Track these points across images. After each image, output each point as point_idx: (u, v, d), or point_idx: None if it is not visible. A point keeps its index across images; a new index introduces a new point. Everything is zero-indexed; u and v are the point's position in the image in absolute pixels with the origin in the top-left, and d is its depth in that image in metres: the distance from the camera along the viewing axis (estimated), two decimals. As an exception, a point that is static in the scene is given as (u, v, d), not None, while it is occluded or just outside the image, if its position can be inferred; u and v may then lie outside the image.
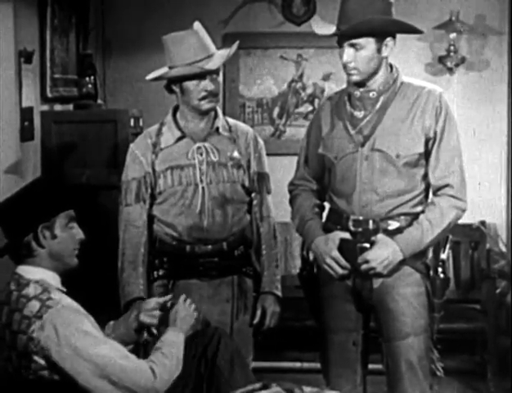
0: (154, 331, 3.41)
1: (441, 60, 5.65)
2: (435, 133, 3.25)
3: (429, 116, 3.24)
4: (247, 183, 3.58)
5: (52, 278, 2.81)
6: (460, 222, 5.56)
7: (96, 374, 2.68)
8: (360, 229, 3.26)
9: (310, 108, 5.84)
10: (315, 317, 3.52)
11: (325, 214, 3.50)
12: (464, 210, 3.33)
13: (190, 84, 3.44)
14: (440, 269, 3.36)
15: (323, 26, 3.38)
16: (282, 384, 2.90)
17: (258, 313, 3.58)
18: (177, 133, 3.54)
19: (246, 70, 5.83)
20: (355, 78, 3.22)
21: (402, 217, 3.27)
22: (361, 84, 3.25)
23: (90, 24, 5.48)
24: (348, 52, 3.18)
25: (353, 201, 3.28)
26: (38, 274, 2.78)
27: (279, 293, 3.63)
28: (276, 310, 3.60)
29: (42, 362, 2.69)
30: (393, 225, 3.26)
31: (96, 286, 4.11)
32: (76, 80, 5.22)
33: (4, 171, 4.27)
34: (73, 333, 2.67)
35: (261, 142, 3.68)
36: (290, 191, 3.53)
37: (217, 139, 3.55)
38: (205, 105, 3.47)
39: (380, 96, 3.26)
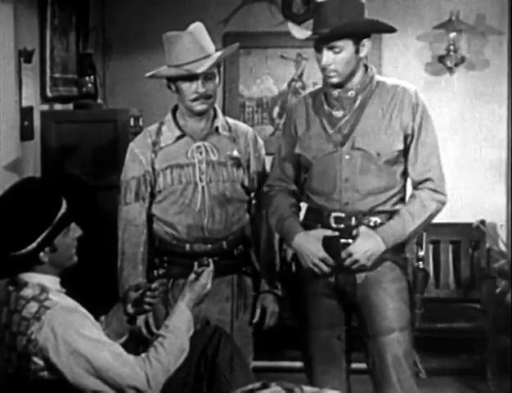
0: (154, 329, 3.43)
1: (441, 59, 5.65)
2: (413, 129, 3.29)
3: (406, 113, 3.27)
4: (246, 183, 3.58)
5: (51, 282, 2.80)
6: (459, 221, 5.64)
7: (92, 375, 2.68)
8: (342, 226, 3.28)
9: (310, 108, 5.84)
10: (295, 315, 3.52)
11: (302, 213, 3.50)
12: (444, 204, 3.31)
13: (183, 85, 3.44)
14: (421, 264, 3.39)
15: (300, 30, 3.41)
16: (282, 383, 2.90)
17: (258, 312, 3.59)
18: (177, 132, 3.54)
19: (246, 70, 5.84)
20: (334, 80, 3.23)
21: (383, 215, 3.29)
22: (338, 85, 3.27)
23: (90, 23, 5.49)
24: (328, 55, 3.19)
25: (334, 199, 3.29)
26: (36, 279, 2.77)
27: (279, 292, 3.63)
28: (275, 309, 3.61)
29: (41, 363, 2.69)
30: (374, 221, 3.28)
31: (95, 286, 4.11)
32: (76, 80, 5.23)
33: (4, 171, 4.27)
34: (70, 334, 2.66)
35: (260, 141, 3.68)
36: (266, 192, 3.51)
37: (216, 138, 3.56)
38: (197, 106, 3.46)
39: (358, 95, 3.28)
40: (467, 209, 5.70)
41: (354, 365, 3.55)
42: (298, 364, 3.75)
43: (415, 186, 3.32)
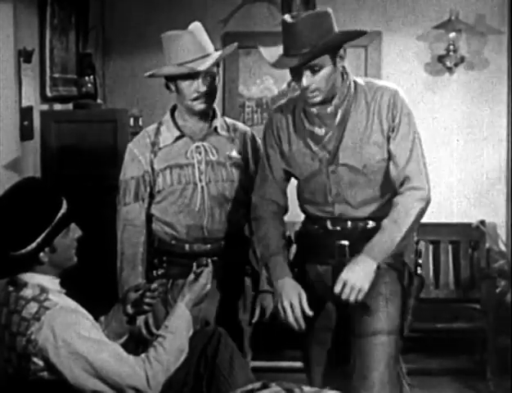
0: (153, 329, 3.43)
1: (440, 59, 5.65)
2: (392, 130, 3.17)
3: (386, 118, 3.17)
4: (245, 182, 3.58)
5: (51, 282, 2.80)
6: (459, 221, 5.64)
7: (92, 375, 2.68)
8: (338, 228, 3.26)
9: (310, 107, 5.84)
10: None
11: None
12: (426, 200, 3.14)
13: (183, 84, 3.44)
14: (419, 269, 3.35)
15: (271, 52, 3.34)
16: (282, 383, 2.91)
17: (257, 311, 3.59)
18: (176, 133, 3.54)
19: (246, 70, 5.84)
20: (317, 99, 3.11)
21: (381, 219, 3.19)
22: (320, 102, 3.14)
23: (90, 23, 5.49)
24: (308, 76, 3.06)
25: (327, 210, 3.26)
26: (36, 279, 2.77)
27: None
28: (274, 309, 3.61)
29: (40, 363, 2.69)
30: (372, 224, 3.24)
31: (95, 286, 4.11)
32: (76, 80, 5.23)
33: (4, 170, 4.28)
34: (70, 335, 2.66)
35: (259, 141, 3.68)
36: (254, 212, 3.39)
37: (215, 139, 3.55)
38: (198, 105, 3.46)
39: (338, 109, 3.17)
40: (467, 209, 5.70)
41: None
42: (298, 364, 3.75)
43: (397, 189, 3.17)
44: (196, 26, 3.46)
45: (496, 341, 5.14)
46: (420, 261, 3.40)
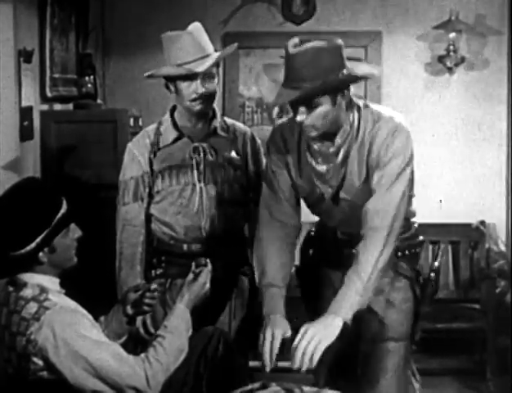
0: (151, 329, 3.43)
1: (440, 59, 5.65)
2: (378, 165, 2.97)
3: (377, 154, 2.97)
4: (244, 183, 3.58)
5: (51, 282, 2.80)
6: (459, 221, 5.64)
7: (91, 375, 2.68)
8: (346, 237, 3.21)
9: (310, 108, 5.84)
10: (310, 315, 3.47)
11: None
12: (389, 242, 2.91)
13: (182, 85, 3.44)
14: (432, 275, 3.32)
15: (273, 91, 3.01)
16: (282, 384, 2.91)
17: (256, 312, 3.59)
18: (175, 133, 3.54)
19: (246, 70, 5.84)
20: (312, 134, 2.96)
21: None
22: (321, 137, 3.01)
23: (90, 24, 5.49)
24: (302, 112, 2.90)
25: (334, 228, 3.23)
26: (36, 279, 2.77)
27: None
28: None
29: (40, 363, 2.69)
30: None
31: (94, 286, 4.11)
32: (76, 80, 5.23)
33: (3, 170, 4.28)
34: (70, 335, 2.67)
35: (259, 142, 3.68)
36: (259, 228, 3.20)
37: (214, 139, 3.55)
38: (196, 106, 3.46)
39: (340, 148, 3.03)
40: (467, 209, 5.70)
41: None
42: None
43: (362, 223, 2.96)
44: (196, 27, 3.45)
45: (496, 341, 5.15)
46: (437, 264, 3.38)
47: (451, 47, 5.59)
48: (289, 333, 2.98)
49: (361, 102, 3.07)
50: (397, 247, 3.08)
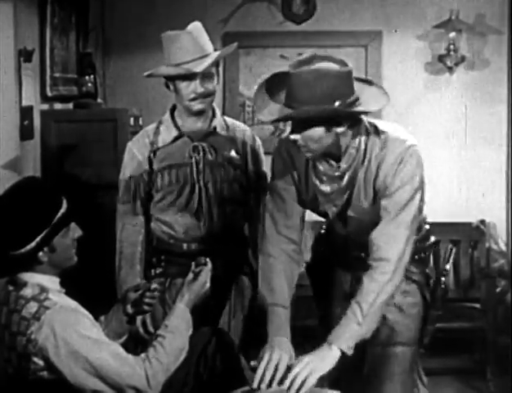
0: (151, 329, 3.43)
1: (440, 59, 5.65)
2: (387, 190, 2.91)
3: (385, 176, 2.89)
4: (244, 183, 3.58)
5: (51, 282, 2.80)
6: (459, 221, 5.64)
7: (92, 375, 2.68)
8: (355, 240, 3.17)
9: (310, 107, 5.84)
10: (320, 314, 3.46)
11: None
12: (394, 276, 2.89)
13: (181, 85, 3.44)
14: (443, 279, 3.31)
15: (269, 109, 2.91)
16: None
17: (256, 312, 3.59)
18: (175, 132, 3.54)
19: (246, 69, 5.84)
20: (308, 155, 2.90)
21: None
22: (320, 156, 2.93)
23: (90, 23, 5.49)
24: (295, 132, 2.83)
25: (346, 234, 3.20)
26: (36, 278, 2.77)
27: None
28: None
29: (41, 363, 2.69)
30: None
31: (94, 285, 4.11)
32: (76, 79, 5.23)
33: (3, 170, 4.28)
34: (70, 334, 2.66)
35: (258, 141, 3.68)
36: (264, 243, 3.14)
37: (214, 138, 3.55)
38: (195, 106, 3.46)
39: (346, 173, 2.96)
40: (467, 208, 5.70)
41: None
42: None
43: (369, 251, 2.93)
44: (195, 26, 3.45)
45: (496, 340, 5.15)
46: (447, 267, 3.36)
47: (452, 47, 5.59)
48: (292, 359, 2.94)
49: (370, 125, 2.96)
50: None
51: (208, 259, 3.04)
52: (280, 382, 2.84)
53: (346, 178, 2.97)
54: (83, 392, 2.71)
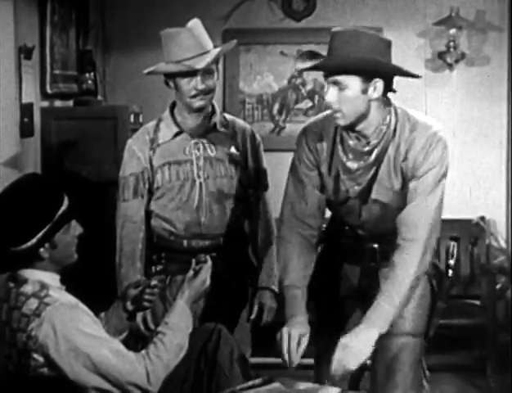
0: (152, 325, 3.44)
1: (441, 56, 5.65)
2: (414, 175, 2.99)
3: (414, 161, 2.98)
4: (244, 179, 3.59)
5: (51, 278, 2.80)
6: (459, 217, 5.64)
7: (92, 372, 2.69)
8: (367, 233, 3.22)
9: (310, 104, 5.85)
10: (318, 316, 3.46)
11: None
12: (425, 257, 2.97)
13: (182, 82, 3.44)
14: (450, 271, 3.32)
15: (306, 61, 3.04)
16: (282, 379, 2.92)
17: (255, 308, 3.59)
18: (175, 129, 3.54)
19: (246, 66, 5.84)
20: (340, 122, 2.96)
21: None
22: (350, 128, 3.00)
23: (90, 20, 5.49)
24: (331, 92, 2.91)
25: (357, 227, 3.21)
26: (36, 275, 2.77)
27: (276, 288, 3.63)
28: (272, 306, 3.61)
29: (41, 359, 2.69)
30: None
31: (94, 282, 4.11)
32: (76, 76, 5.23)
33: (4, 167, 4.28)
34: (70, 331, 2.67)
35: (258, 138, 3.68)
36: (281, 228, 3.21)
37: (214, 135, 3.56)
38: (196, 102, 3.46)
39: (375, 148, 3.02)
40: (467, 205, 5.70)
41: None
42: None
43: (397, 232, 3.00)
44: (195, 23, 3.45)
45: (496, 337, 5.15)
46: (452, 262, 3.37)
47: (452, 44, 5.59)
48: (307, 335, 3.04)
49: (399, 108, 3.06)
50: None
51: (208, 257, 3.05)
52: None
53: (374, 154, 3.02)
54: (83, 389, 2.72)
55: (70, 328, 2.67)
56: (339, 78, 2.89)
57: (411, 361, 3.17)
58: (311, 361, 3.48)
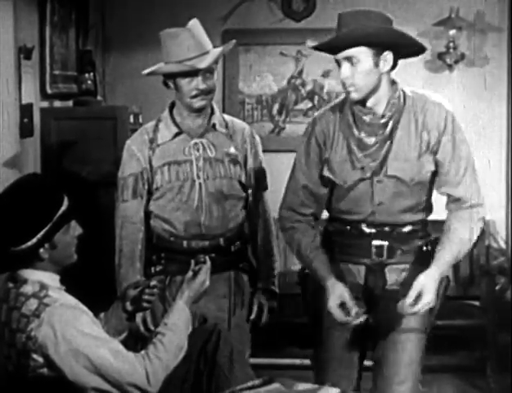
0: (151, 326, 3.43)
1: (440, 56, 5.65)
2: (444, 147, 3.17)
3: (435, 132, 3.16)
4: (243, 179, 3.59)
5: (51, 279, 2.80)
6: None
7: (91, 372, 2.68)
8: (374, 230, 3.24)
9: (309, 105, 5.85)
10: (313, 315, 3.45)
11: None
12: (484, 218, 3.23)
13: (182, 82, 3.44)
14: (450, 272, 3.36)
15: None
16: (281, 380, 2.92)
17: (255, 308, 3.59)
18: (174, 129, 3.54)
19: (246, 67, 5.84)
20: (354, 95, 3.09)
21: (415, 224, 3.27)
22: (362, 103, 3.13)
23: (90, 20, 5.49)
24: (345, 68, 3.05)
25: (365, 218, 3.23)
26: (36, 276, 2.77)
27: (275, 289, 3.64)
28: (272, 306, 3.61)
29: (40, 360, 2.69)
30: (409, 228, 3.26)
31: (94, 283, 4.11)
32: (76, 77, 5.23)
33: (3, 167, 4.28)
34: (70, 331, 2.66)
35: (257, 138, 3.68)
36: (283, 223, 3.34)
37: (213, 135, 3.56)
38: (197, 103, 3.47)
39: (389, 120, 3.14)
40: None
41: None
42: (298, 361, 3.77)
43: (452, 201, 3.23)
44: (195, 23, 3.46)
45: (496, 337, 5.15)
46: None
47: (451, 44, 5.59)
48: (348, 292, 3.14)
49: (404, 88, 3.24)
50: (421, 237, 3.30)
51: (207, 258, 3.05)
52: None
53: (389, 126, 3.14)
54: (82, 389, 2.71)
55: (70, 329, 2.67)
56: (353, 52, 3.02)
57: (418, 356, 3.25)
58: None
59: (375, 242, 3.23)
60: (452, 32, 5.57)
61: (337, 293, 3.13)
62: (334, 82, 5.69)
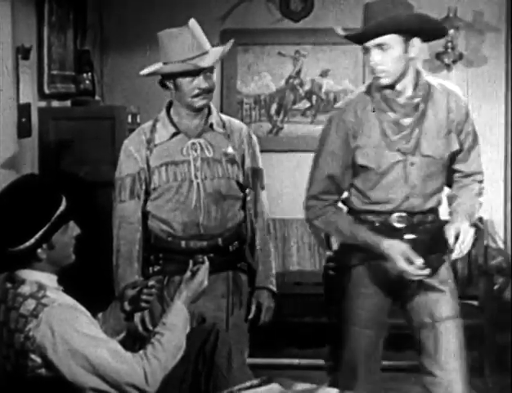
0: (149, 326, 3.43)
1: (438, 56, 5.66)
2: (466, 131, 3.35)
3: (457, 115, 3.32)
4: (241, 179, 3.58)
5: (49, 279, 2.80)
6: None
7: (90, 372, 2.68)
8: (403, 225, 3.29)
9: (308, 104, 5.85)
10: (338, 315, 3.46)
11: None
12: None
13: (183, 81, 3.44)
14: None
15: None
16: (280, 380, 2.91)
17: (253, 308, 3.59)
18: (172, 130, 3.54)
19: (244, 67, 5.84)
20: (384, 81, 3.19)
21: (434, 212, 3.36)
22: (390, 87, 3.23)
23: (88, 20, 5.49)
24: (376, 54, 3.15)
25: (396, 204, 3.29)
26: (34, 276, 2.77)
27: (274, 288, 3.63)
28: (270, 305, 3.61)
29: (38, 360, 2.68)
30: (431, 218, 3.34)
31: (92, 283, 4.11)
32: (74, 77, 5.23)
33: (1, 167, 4.28)
34: (68, 332, 2.66)
35: (255, 138, 3.68)
36: (312, 212, 3.38)
37: (211, 135, 3.56)
38: (198, 102, 3.47)
39: (421, 102, 3.26)
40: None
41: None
42: (296, 361, 3.77)
43: (465, 176, 3.41)
44: (193, 23, 3.47)
45: (494, 337, 5.15)
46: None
47: (449, 44, 5.59)
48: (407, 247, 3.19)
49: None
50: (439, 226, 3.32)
51: (205, 258, 3.05)
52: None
53: (421, 107, 3.25)
54: (81, 390, 2.71)
55: (68, 329, 2.66)
56: (384, 39, 3.12)
57: (463, 341, 3.48)
58: (310, 361, 3.49)
59: (408, 237, 3.26)
60: (450, 32, 5.57)
61: (398, 250, 3.16)
62: (332, 81, 5.69)
